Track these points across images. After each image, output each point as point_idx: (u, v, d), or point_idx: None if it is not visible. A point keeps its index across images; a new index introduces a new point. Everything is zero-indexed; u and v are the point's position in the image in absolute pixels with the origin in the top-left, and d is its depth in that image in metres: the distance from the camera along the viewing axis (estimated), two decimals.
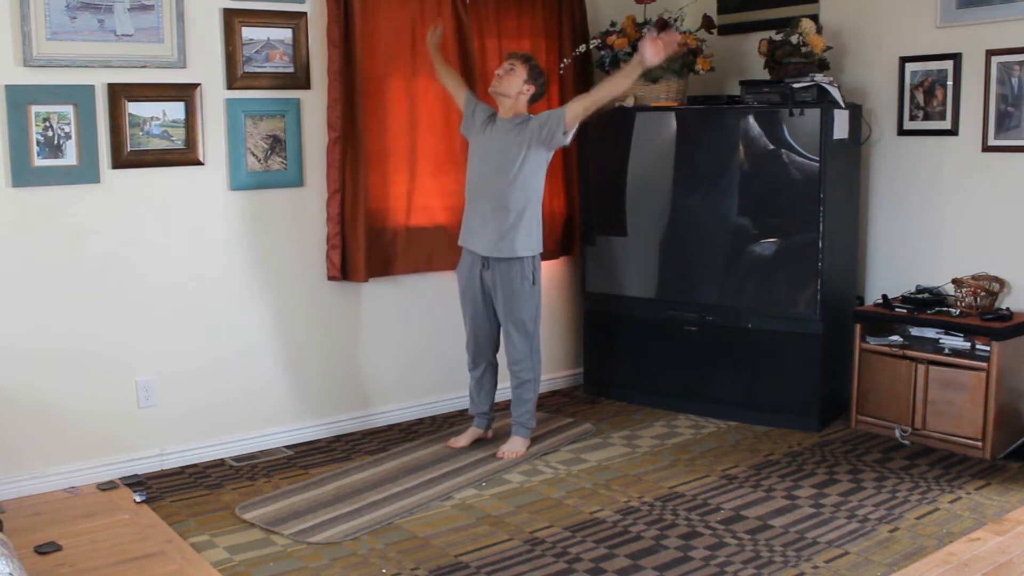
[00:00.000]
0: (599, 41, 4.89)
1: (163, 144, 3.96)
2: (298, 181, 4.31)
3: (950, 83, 4.41)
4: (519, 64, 4.10)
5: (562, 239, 5.15)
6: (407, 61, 4.49)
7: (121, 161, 3.87)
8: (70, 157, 3.77)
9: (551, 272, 5.20)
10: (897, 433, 4.31)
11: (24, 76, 3.64)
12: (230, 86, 4.09)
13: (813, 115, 4.34)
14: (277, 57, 4.19)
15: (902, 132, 4.63)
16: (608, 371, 5.08)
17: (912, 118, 4.58)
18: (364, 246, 4.36)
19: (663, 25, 4.75)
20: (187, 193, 4.05)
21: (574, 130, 4.08)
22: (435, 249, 4.65)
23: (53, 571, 3.14)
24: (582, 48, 4.93)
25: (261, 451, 4.30)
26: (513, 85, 4.08)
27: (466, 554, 3.24)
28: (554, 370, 5.27)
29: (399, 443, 4.38)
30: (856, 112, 4.61)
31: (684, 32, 4.81)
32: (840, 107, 4.41)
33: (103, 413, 3.94)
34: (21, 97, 3.64)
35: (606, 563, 3.16)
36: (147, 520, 3.55)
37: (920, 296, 4.44)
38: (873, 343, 4.42)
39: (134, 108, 3.88)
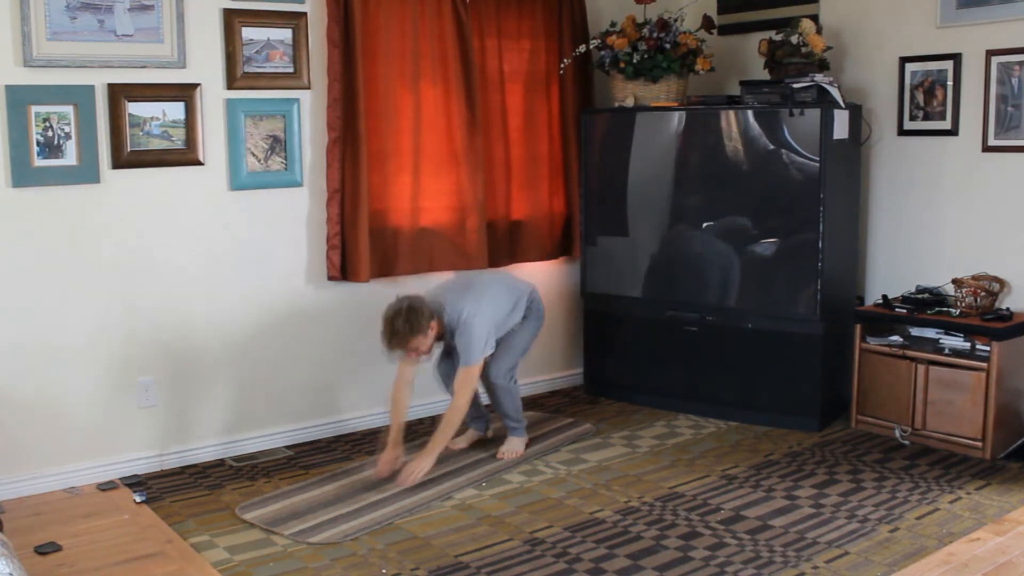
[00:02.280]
0: (599, 41, 4.89)
1: (163, 144, 3.97)
2: (298, 181, 4.31)
3: (950, 83, 4.41)
4: (408, 344, 3.80)
5: (562, 239, 5.15)
6: (407, 61, 4.49)
7: (121, 161, 3.87)
8: (70, 157, 3.77)
9: (551, 272, 5.21)
10: (897, 433, 4.31)
11: (24, 76, 3.65)
12: (230, 86, 4.09)
13: (813, 115, 4.33)
14: (277, 57, 4.19)
15: (902, 132, 4.62)
16: (608, 371, 5.07)
17: (912, 118, 4.58)
18: (365, 246, 4.37)
19: (664, 24, 4.75)
20: (187, 193, 4.05)
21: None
22: (436, 250, 4.65)
23: (53, 571, 3.14)
24: (582, 48, 4.93)
25: (261, 451, 4.30)
26: (428, 346, 3.89)
27: (466, 554, 3.24)
28: (554, 370, 5.27)
29: None
30: (856, 112, 4.61)
31: (684, 32, 4.81)
32: (840, 107, 4.41)
33: (103, 413, 3.94)
34: (21, 97, 3.64)
35: (606, 563, 3.16)
36: (147, 520, 3.55)
37: (920, 296, 4.44)
38: (873, 343, 4.42)
39: (134, 108, 3.88)
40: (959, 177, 4.44)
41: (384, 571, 3.13)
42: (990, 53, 4.25)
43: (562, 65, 4.97)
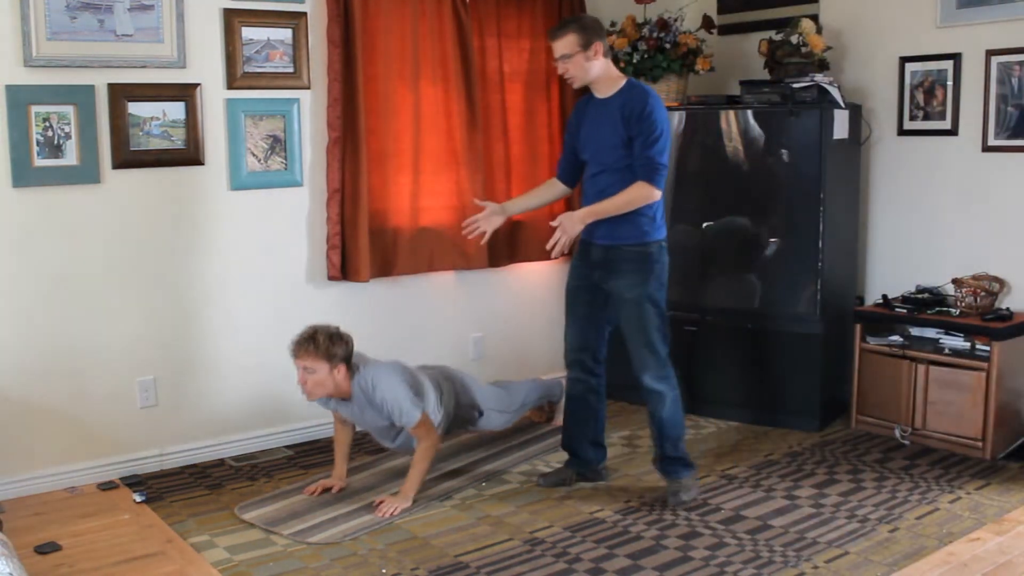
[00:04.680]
0: None
1: (163, 144, 3.97)
2: (298, 181, 4.31)
3: (950, 83, 4.41)
4: (312, 360, 3.49)
5: None
6: (407, 61, 4.49)
7: (121, 161, 3.87)
8: (70, 157, 3.77)
9: (551, 272, 5.21)
10: (897, 433, 4.31)
11: (24, 76, 3.65)
12: (230, 86, 4.09)
13: (813, 115, 4.34)
14: (277, 57, 4.19)
15: (902, 132, 4.63)
16: (608, 371, 5.05)
17: (912, 118, 4.58)
18: (365, 246, 4.36)
19: (664, 24, 4.75)
20: (187, 193, 4.05)
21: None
22: (436, 250, 4.65)
23: (53, 571, 3.14)
24: None
25: (261, 451, 4.30)
26: (324, 386, 3.56)
27: (466, 554, 3.24)
28: (554, 370, 5.26)
29: None
30: (856, 112, 4.61)
31: (684, 32, 4.81)
32: (840, 107, 4.41)
33: (103, 413, 3.94)
34: (21, 97, 3.64)
35: (606, 563, 3.16)
36: (147, 520, 3.55)
37: (920, 296, 4.44)
38: (873, 343, 4.42)
39: (134, 108, 3.88)
40: (959, 177, 4.44)
41: (384, 571, 3.13)
42: (990, 53, 4.25)
43: None
